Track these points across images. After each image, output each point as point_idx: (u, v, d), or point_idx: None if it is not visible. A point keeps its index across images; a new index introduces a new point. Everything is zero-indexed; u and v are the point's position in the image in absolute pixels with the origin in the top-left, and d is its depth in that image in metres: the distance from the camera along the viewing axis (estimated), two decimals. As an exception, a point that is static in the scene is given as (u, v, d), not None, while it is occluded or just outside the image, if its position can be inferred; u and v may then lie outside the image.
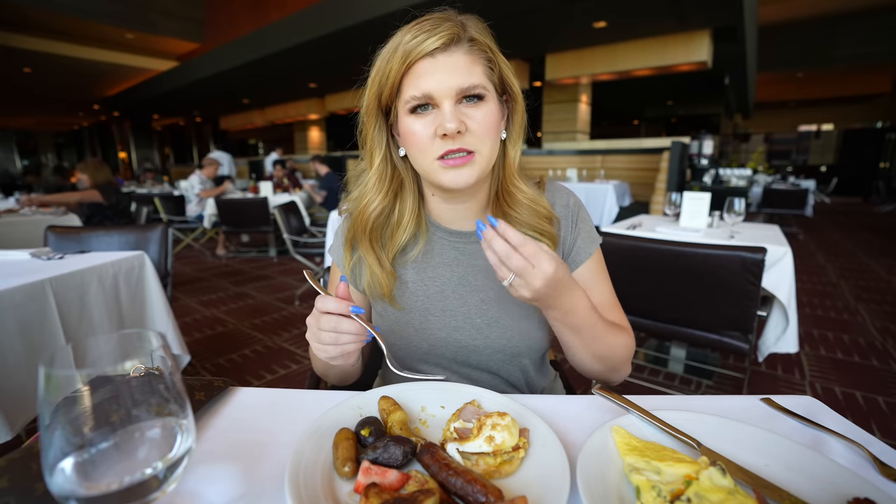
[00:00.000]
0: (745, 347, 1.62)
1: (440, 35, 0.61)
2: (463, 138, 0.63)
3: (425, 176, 0.69)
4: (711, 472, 0.44)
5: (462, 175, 0.64)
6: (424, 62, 0.62)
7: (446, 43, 0.61)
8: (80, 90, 12.10)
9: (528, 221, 0.73)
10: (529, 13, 5.53)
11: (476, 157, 0.64)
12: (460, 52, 0.62)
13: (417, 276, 0.77)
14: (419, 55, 0.61)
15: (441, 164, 0.64)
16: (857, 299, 3.56)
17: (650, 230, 2.20)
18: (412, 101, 0.63)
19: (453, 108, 0.62)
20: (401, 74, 0.62)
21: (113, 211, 3.73)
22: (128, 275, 1.66)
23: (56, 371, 0.32)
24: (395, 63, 0.62)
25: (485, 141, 0.64)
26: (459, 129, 0.61)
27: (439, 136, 0.62)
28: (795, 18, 9.51)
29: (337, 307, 0.56)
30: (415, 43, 0.61)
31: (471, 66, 0.63)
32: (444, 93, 0.61)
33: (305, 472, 0.46)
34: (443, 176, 0.65)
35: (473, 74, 0.62)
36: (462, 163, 0.64)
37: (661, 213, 2.97)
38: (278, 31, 7.06)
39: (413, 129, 0.64)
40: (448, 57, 0.62)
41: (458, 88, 0.62)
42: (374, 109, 0.68)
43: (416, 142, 0.65)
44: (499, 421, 0.51)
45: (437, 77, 0.61)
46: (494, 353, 0.76)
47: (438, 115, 0.63)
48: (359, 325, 0.57)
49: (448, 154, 0.63)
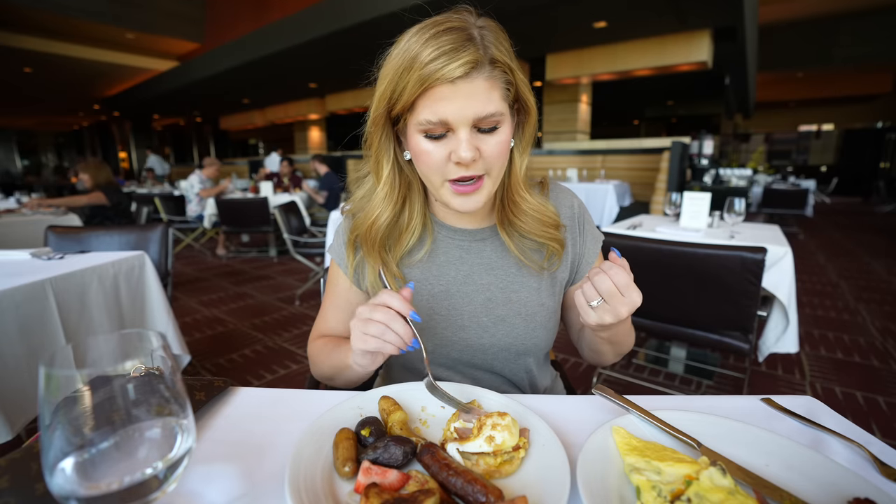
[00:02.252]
0: (746, 347, 1.62)
1: (462, 62, 0.57)
2: (476, 164, 0.63)
3: (434, 193, 0.69)
4: (712, 472, 0.44)
5: (471, 201, 0.65)
6: (443, 88, 0.58)
7: (467, 70, 0.58)
8: (80, 90, 12.09)
9: (534, 230, 0.73)
10: (530, 13, 5.53)
11: (485, 180, 0.65)
12: (481, 77, 0.59)
13: (422, 275, 0.77)
14: (438, 80, 0.57)
15: (452, 187, 0.64)
16: (857, 299, 3.56)
17: (650, 230, 2.20)
18: (427, 124, 0.60)
19: (469, 136, 0.60)
20: (416, 95, 0.60)
21: (114, 211, 3.73)
22: (128, 275, 1.66)
23: (56, 371, 0.32)
24: (411, 83, 0.58)
25: (495, 164, 0.65)
26: (474, 158, 0.61)
27: (453, 161, 0.62)
28: (795, 18, 9.52)
29: (401, 306, 0.57)
30: (434, 67, 0.57)
31: (489, 91, 0.60)
32: (461, 121, 0.60)
33: (305, 472, 0.46)
34: (452, 199, 0.66)
35: (492, 101, 0.60)
36: (472, 189, 0.64)
37: (661, 213, 2.97)
38: (278, 31, 7.06)
39: (426, 150, 0.63)
40: (468, 84, 0.58)
41: (476, 117, 0.60)
42: (382, 121, 0.66)
43: (427, 161, 0.63)
44: (499, 421, 0.51)
45: (455, 104, 0.59)
46: (500, 351, 0.76)
47: (453, 139, 0.61)
48: (409, 330, 0.57)
49: (460, 180, 0.63)
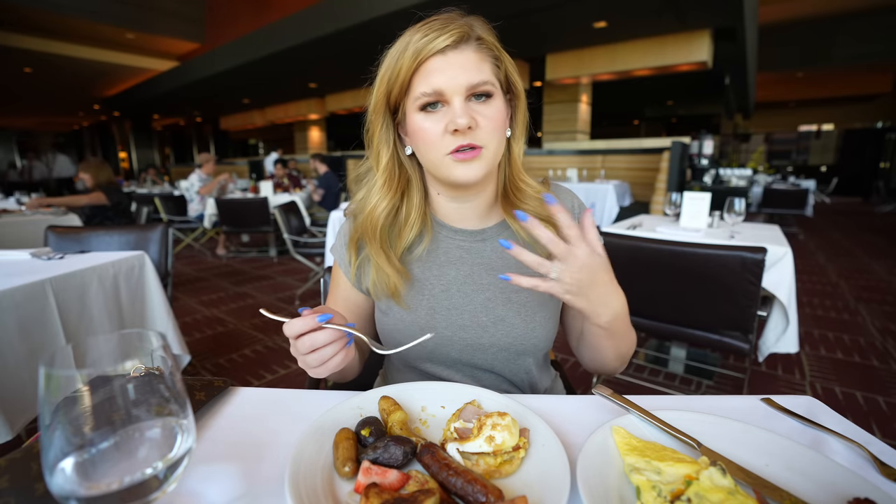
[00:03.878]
0: (746, 347, 1.62)
1: (450, 33, 0.62)
2: (473, 134, 0.64)
3: (435, 171, 0.69)
4: (712, 472, 0.44)
5: (471, 169, 0.66)
6: (435, 60, 0.62)
7: (456, 41, 0.62)
8: (80, 90, 12.10)
9: (540, 213, 0.74)
10: (530, 13, 5.53)
11: (483, 152, 0.65)
12: (470, 49, 0.63)
13: (423, 274, 0.78)
14: (430, 53, 0.62)
15: (452, 158, 0.65)
16: (857, 299, 3.56)
17: (650, 230, 2.20)
18: (422, 97, 0.63)
19: (463, 104, 0.63)
20: (411, 72, 0.63)
21: (114, 211, 3.73)
22: (128, 275, 1.66)
23: (56, 371, 0.32)
24: (406, 61, 0.63)
25: (493, 137, 0.66)
26: (470, 125, 0.62)
27: (450, 131, 0.63)
28: (795, 18, 9.52)
29: (304, 325, 0.56)
30: (425, 41, 0.62)
31: (480, 63, 0.64)
32: (454, 89, 0.62)
33: (305, 472, 0.46)
34: (454, 170, 0.66)
35: (482, 71, 0.64)
36: (472, 156, 0.65)
37: (661, 213, 2.97)
38: (278, 31, 7.06)
39: (423, 126, 0.65)
40: (458, 54, 0.63)
41: (469, 85, 0.62)
42: (381, 108, 0.68)
43: (426, 138, 0.65)
44: (499, 421, 0.51)
45: (447, 74, 0.62)
46: (499, 351, 0.76)
47: (448, 111, 0.63)
48: (332, 330, 0.57)
49: (459, 149, 0.64)
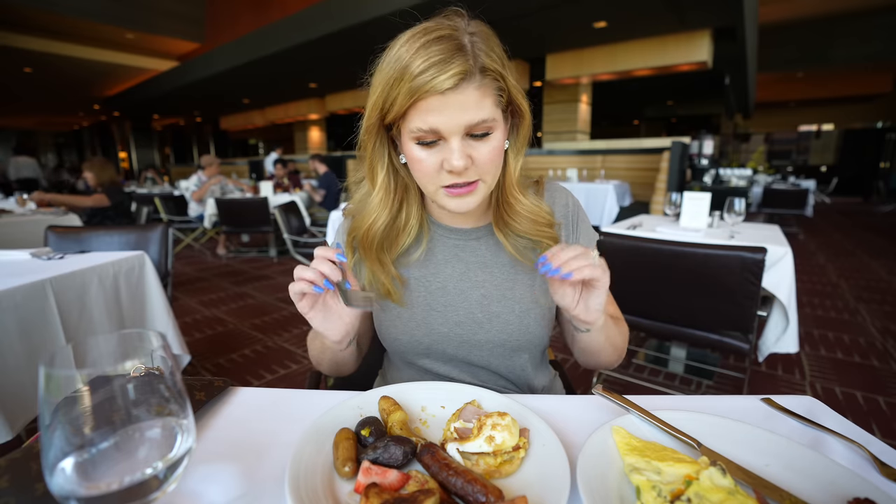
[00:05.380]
0: (746, 347, 1.62)
1: (451, 74, 0.56)
2: (468, 172, 0.63)
3: (429, 197, 0.70)
4: (712, 472, 0.44)
5: (465, 202, 0.66)
6: (433, 99, 0.58)
7: (457, 82, 0.57)
8: (80, 90, 12.10)
9: (528, 230, 0.74)
10: (530, 13, 5.53)
11: (479, 185, 0.65)
12: (471, 87, 0.58)
13: (419, 272, 0.79)
14: (427, 92, 0.57)
15: (446, 192, 0.65)
16: (857, 299, 3.56)
17: (650, 230, 2.20)
18: (418, 132, 0.61)
19: (460, 143, 0.61)
20: (406, 107, 0.60)
21: (115, 211, 3.73)
22: (128, 275, 1.66)
23: (56, 371, 0.32)
24: (402, 95, 0.58)
25: (489, 171, 0.65)
26: (466, 166, 0.62)
27: (445, 169, 0.63)
28: (795, 18, 9.52)
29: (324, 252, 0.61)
30: (424, 80, 0.56)
31: (480, 100, 0.60)
32: (452, 129, 0.60)
33: (305, 472, 0.46)
34: (448, 202, 0.66)
35: (483, 108, 0.60)
36: (466, 192, 0.65)
37: (661, 213, 2.97)
38: (279, 31, 7.06)
39: (419, 157, 0.63)
40: (458, 95, 0.58)
41: (468, 125, 0.60)
42: (375, 128, 0.66)
43: (421, 169, 0.64)
44: (499, 421, 0.51)
45: (445, 114, 0.59)
46: (495, 347, 0.77)
47: (445, 148, 0.62)
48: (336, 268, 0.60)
49: (453, 185, 0.64)
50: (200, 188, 5.51)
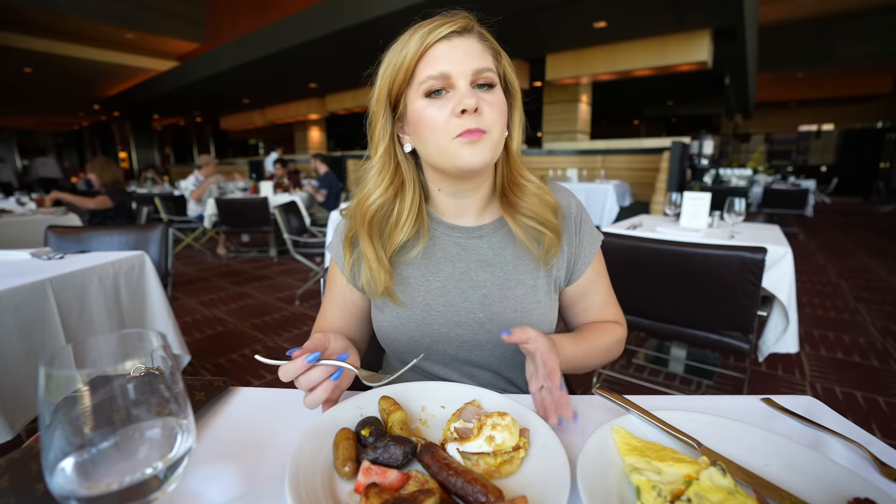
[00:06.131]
0: (746, 347, 1.62)
1: (454, 22, 0.64)
2: (479, 118, 0.64)
3: (440, 159, 0.68)
4: (712, 472, 0.44)
5: (478, 150, 0.65)
6: (441, 46, 0.64)
7: (461, 29, 0.65)
8: (80, 90, 12.09)
9: (537, 211, 0.73)
10: (530, 13, 5.53)
11: (488, 135, 0.65)
12: (473, 38, 0.66)
13: (419, 271, 0.78)
14: (435, 39, 0.64)
15: (460, 140, 0.64)
16: (857, 299, 3.56)
17: (650, 230, 2.20)
18: (428, 81, 0.64)
19: (469, 88, 0.64)
20: (416, 59, 0.64)
21: (116, 211, 3.73)
22: (128, 275, 1.66)
23: (56, 371, 0.32)
24: (411, 48, 0.64)
25: (496, 123, 0.66)
26: (477, 107, 0.63)
27: (457, 113, 0.63)
28: (795, 18, 9.52)
29: (296, 369, 0.57)
30: (430, 28, 0.64)
31: (483, 52, 0.66)
32: (460, 73, 0.64)
33: (305, 472, 0.46)
34: (461, 152, 0.65)
35: (486, 59, 0.66)
36: (479, 136, 0.65)
37: (661, 213, 2.97)
38: (279, 31, 7.06)
39: (428, 112, 0.65)
40: (463, 41, 0.65)
41: (475, 69, 0.64)
42: (384, 99, 0.69)
43: (431, 123, 0.65)
44: (499, 421, 0.51)
45: (453, 58, 0.64)
46: (496, 347, 0.76)
47: (454, 95, 0.64)
48: (325, 367, 0.58)
49: (466, 132, 0.64)
50: (198, 188, 5.51)
